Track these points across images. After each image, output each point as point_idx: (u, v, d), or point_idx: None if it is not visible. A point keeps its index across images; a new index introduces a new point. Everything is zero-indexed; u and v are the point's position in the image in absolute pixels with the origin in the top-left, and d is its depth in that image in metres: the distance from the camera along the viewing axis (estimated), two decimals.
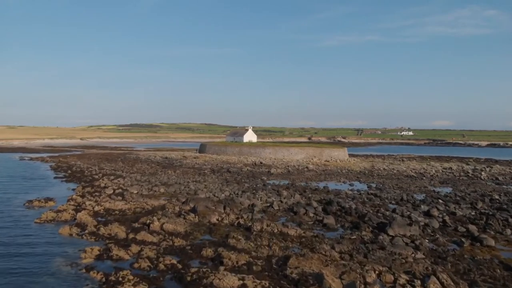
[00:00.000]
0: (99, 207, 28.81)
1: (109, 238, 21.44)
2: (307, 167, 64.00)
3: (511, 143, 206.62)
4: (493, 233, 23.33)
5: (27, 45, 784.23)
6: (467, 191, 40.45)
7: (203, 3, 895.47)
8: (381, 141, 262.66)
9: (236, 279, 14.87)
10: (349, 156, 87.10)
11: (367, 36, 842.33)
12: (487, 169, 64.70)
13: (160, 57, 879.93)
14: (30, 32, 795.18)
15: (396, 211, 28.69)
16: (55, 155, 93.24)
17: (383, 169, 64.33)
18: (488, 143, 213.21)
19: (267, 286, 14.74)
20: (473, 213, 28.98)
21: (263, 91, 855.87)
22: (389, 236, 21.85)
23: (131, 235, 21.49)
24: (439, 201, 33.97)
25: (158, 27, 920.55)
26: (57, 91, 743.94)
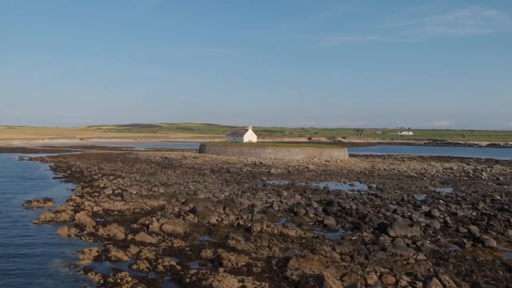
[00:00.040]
0: (98, 208, 28.64)
1: (108, 239, 21.28)
2: (307, 167, 63.85)
3: (511, 143, 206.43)
4: (495, 234, 23.18)
5: (27, 45, 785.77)
6: (468, 192, 40.29)
7: (203, 3, 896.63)
8: (381, 141, 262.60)
9: (235, 281, 14.71)
10: (349, 156, 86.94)
11: (367, 36, 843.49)
12: (488, 169, 64.54)
13: (160, 57, 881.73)
14: (30, 32, 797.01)
15: (397, 211, 28.51)
16: (54, 155, 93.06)
17: (384, 169, 64.17)
18: (488, 143, 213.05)
19: None
20: (475, 214, 28.81)
21: (263, 91, 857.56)
22: (390, 237, 21.69)
23: (130, 236, 21.33)
24: (440, 201, 33.79)
25: (158, 27, 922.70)
26: (57, 91, 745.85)
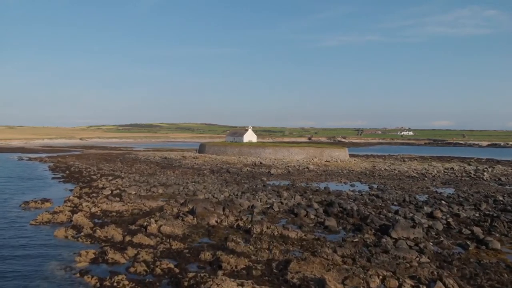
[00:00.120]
0: (96, 209, 28.28)
1: (105, 240, 20.93)
2: (307, 167, 63.49)
3: (511, 143, 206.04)
4: (499, 236, 22.82)
5: (27, 45, 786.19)
6: (470, 192, 39.93)
7: (203, 3, 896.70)
8: (381, 141, 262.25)
9: (235, 284, 14.37)
10: (349, 156, 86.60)
11: (367, 36, 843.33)
12: (489, 170, 64.15)
13: (160, 57, 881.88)
14: (30, 32, 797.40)
15: (398, 212, 28.13)
16: (53, 155, 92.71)
17: (384, 169, 63.80)
18: (488, 143, 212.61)
19: None
20: (477, 215, 28.43)
21: (263, 91, 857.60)
22: (393, 239, 21.30)
23: (127, 238, 20.98)
24: (442, 202, 33.41)
25: (158, 27, 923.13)
26: (57, 91, 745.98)
